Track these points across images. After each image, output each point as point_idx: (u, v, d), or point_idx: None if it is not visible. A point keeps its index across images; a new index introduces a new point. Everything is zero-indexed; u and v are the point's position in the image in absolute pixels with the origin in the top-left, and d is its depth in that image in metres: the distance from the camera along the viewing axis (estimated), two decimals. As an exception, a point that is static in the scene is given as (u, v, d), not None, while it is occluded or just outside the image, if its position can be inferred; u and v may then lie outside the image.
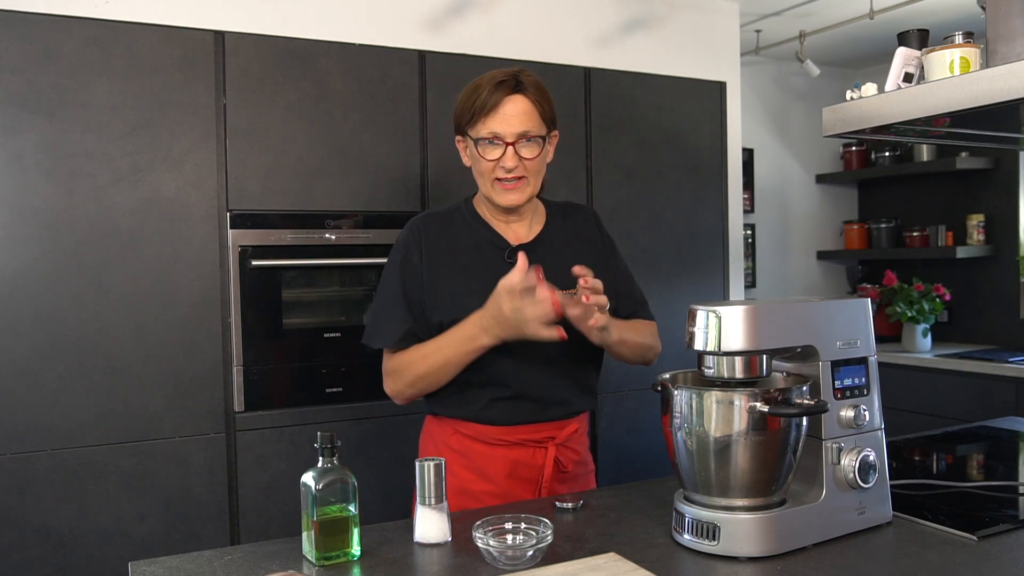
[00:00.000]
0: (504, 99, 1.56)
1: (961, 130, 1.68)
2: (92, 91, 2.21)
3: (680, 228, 3.08)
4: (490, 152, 1.58)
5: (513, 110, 1.56)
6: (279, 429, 2.40)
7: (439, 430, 1.67)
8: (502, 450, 1.61)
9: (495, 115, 1.56)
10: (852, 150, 4.47)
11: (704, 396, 1.23)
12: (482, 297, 1.56)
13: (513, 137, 1.56)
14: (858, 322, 1.35)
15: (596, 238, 1.76)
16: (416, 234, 1.66)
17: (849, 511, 1.30)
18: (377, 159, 2.55)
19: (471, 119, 1.59)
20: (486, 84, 1.58)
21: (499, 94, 1.56)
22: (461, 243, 1.66)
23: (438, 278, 1.62)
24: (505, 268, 1.60)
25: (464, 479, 1.61)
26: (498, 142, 1.57)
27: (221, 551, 1.29)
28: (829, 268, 4.61)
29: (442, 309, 1.60)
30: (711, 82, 3.17)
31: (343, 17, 2.57)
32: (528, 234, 1.69)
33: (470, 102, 1.59)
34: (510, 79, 1.58)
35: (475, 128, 1.59)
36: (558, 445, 1.62)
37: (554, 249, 1.68)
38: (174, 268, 2.29)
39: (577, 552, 1.24)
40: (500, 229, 1.67)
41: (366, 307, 2.57)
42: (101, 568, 2.20)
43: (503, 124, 1.56)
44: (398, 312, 1.61)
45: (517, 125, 1.56)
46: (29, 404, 2.14)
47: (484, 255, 1.64)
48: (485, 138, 1.57)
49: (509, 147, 1.56)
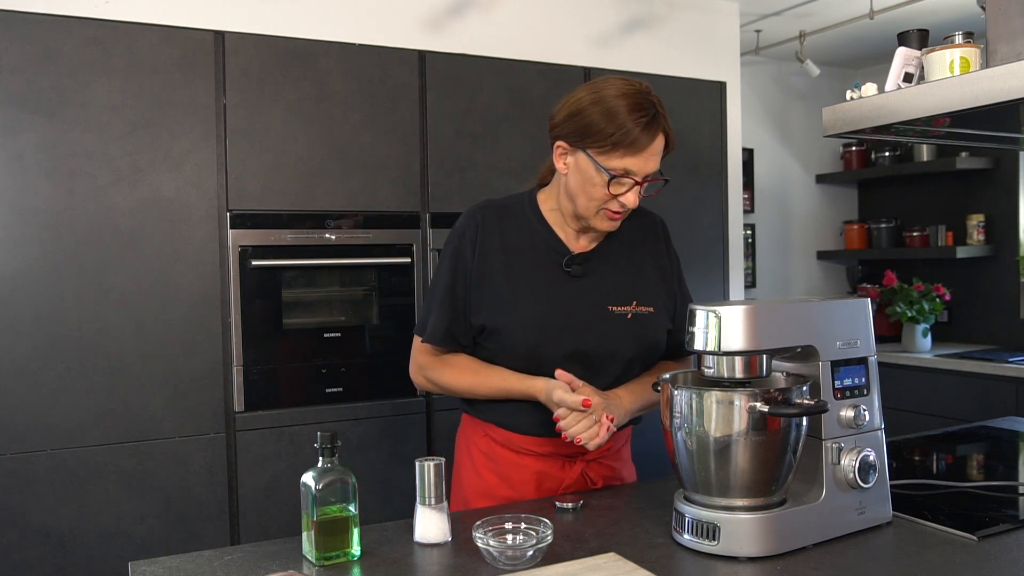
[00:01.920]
0: (653, 140, 1.46)
1: (961, 130, 1.68)
2: (92, 91, 2.21)
3: (680, 228, 3.07)
4: (617, 187, 1.47)
5: (655, 150, 1.47)
6: (279, 429, 2.40)
7: (472, 431, 1.65)
8: (529, 459, 1.58)
9: (641, 155, 1.46)
10: (852, 150, 4.47)
11: (704, 396, 1.23)
12: (528, 303, 1.53)
13: (645, 176, 1.49)
14: (858, 322, 1.35)
15: (662, 252, 1.68)
16: (473, 225, 1.57)
17: (849, 511, 1.30)
18: (377, 159, 2.55)
19: (606, 147, 1.45)
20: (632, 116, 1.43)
21: (649, 135, 1.45)
22: (518, 243, 1.57)
23: (486, 278, 1.55)
24: (561, 277, 1.56)
25: (490, 483, 1.59)
26: (628, 180, 1.47)
27: (221, 551, 1.29)
28: (829, 268, 4.61)
29: (485, 312, 1.55)
30: (711, 82, 3.17)
31: (343, 17, 2.57)
32: (590, 242, 1.60)
33: (610, 128, 1.44)
34: (651, 110, 1.45)
35: (607, 157, 1.45)
36: (587, 460, 1.59)
37: (612, 260, 1.61)
38: (174, 268, 2.29)
39: (577, 552, 1.24)
40: (563, 233, 1.59)
41: (366, 307, 2.57)
42: (101, 568, 2.20)
43: (642, 164, 1.47)
44: (443, 308, 1.56)
45: (653, 166, 1.48)
46: (29, 404, 2.14)
47: (540, 260, 1.57)
48: (618, 172, 1.46)
49: (637, 186, 1.48)
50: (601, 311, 1.55)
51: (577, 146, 1.48)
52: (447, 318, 1.56)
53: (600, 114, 1.45)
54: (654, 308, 1.60)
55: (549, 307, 1.54)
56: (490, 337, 1.55)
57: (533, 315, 1.53)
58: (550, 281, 1.55)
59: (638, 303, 1.58)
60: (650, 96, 1.47)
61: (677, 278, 1.69)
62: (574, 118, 1.48)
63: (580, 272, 1.57)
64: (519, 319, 1.52)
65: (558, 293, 1.55)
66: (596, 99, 1.46)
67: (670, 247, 1.71)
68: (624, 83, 1.48)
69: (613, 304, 1.56)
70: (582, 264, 1.57)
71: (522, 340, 1.52)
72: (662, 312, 1.62)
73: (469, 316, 1.56)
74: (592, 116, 1.45)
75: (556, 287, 1.55)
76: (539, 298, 1.54)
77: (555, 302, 1.54)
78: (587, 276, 1.57)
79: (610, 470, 1.64)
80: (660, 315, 1.61)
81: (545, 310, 1.53)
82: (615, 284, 1.58)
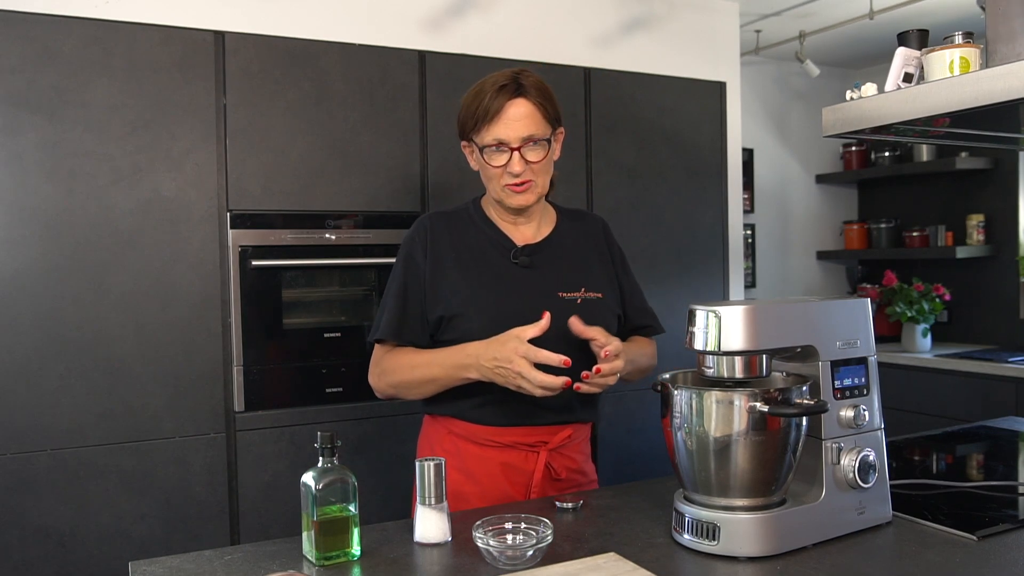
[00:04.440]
0: (506, 104, 1.54)
1: (961, 130, 1.68)
2: (92, 91, 2.21)
3: (680, 228, 3.08)
4: (496, 158, 1.57)
5: (516, 115, 1.55)
6: (279, 429, 2.40)
7: (434, 431, 1.67)
8: (493, 451, 1.60)
9: (498, 121, 1.55)
10: (852, 150, 4.47)
11: (704, 396, 1.23)
12: (483, 294, 1.58)
13: (518, 142, 1.55)
14: (858, 322, 1.35)
15: (604, 247, 1.75)
16: (422, 232, 1.66)
17: (849, 511, 1.30)
18: (377, 159, 2.55)
19: (475, 126, 1.58)
20: (488, 89, 1.56)
21: (501, 99, 1.54)
22: (466, 242, 1.65)
23: (440, 274, 1.62)
24: (510, 268, 1.62)
25: (454, 480, 1.60)
26: (504, 148, 1.56)
27: (221, 551, 1.29)
28: (829, 268, 4.61)
29: (442, 304, 1.60)
30: (711, 82, 3.17)
31: (343, 17, 2.57)
32: (536, 235, 1.68)
33: (473, 108, 1.57)
34: (511, 83, 1.56)
35: (480, 135, 1.57)
36: (551, 451, 1.61)
37: (561, 252, 1.68)
38: (174, 268, 2.29)
39: (577, 552, 1.24)
40: (507, 230, 1.67)
41: (366, 307, 2.57)
42: (101, 568, 2.20)
43: (507, 130, 1.54)
44: (395, 306, 1.62)
45: (521, 130, 1.55)
46: (29, 404, 2.14)
47: (489, 255, 1.64)
48: (490, 145, 1.56)
49: (515, 152, 1.55)
50: (551, 297, 1.61)
51: (467, 139, 1.62)
52: (398, 315, 1.61)
53: (468, 100, 1.59)
54: (603, 294, 1.66)
55: (502, 295, 1.60)
56: (448, 326, 1.60)
57: (487, 302, 1.58)
58: (500, 272, 1.62)
59: (587, 289, 1.64)
60: (517, 74, 1.58)
61: (622, 268, 1.76)
62: (459, 114, 1.62)
63: (528, 263, 1.64)
64: (474, 305, 1.58)
65: (509, 282, 1.62)
66: (471, 91, 1.60)
67: (611, 242, 1.77)
68: (499, 74, 1.59)
69: (562, 291, 1.62)
70: (530, 256, 1.64)
71: (477, 325, 1.56)
72: (610, 298, 1.68)
73: (426, 312, 1.61)
74: (464, 106, 1.60)
75: (507, 277, 1.62)
76: (491, 287, 1.60)
77: (507, 290, 1.60)
78: (535, 268, 1.64)
79: (572, 462, 1.66)
80: (609, 301, 1.67)
81: (498, 297, 1.59)
82: (563, 273, 1.65)
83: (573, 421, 1.64)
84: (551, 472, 1.62)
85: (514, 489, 1.60)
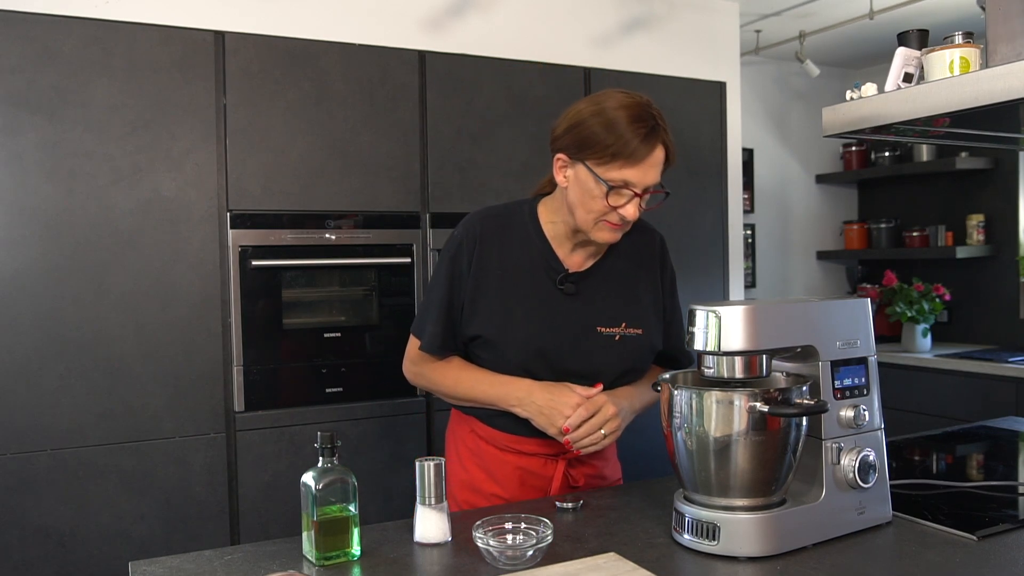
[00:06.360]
0: (652, 152, 1.45)
1: (961, 130, 1.68)
2: (92, 91, 2.21)
3: (680, 228, 3.08)
4: (616, 199, 1.46)
5: (654, 162, 1.46)
6: (279, 429, 2.40)
7: (459, 426, 1.68)
8: (512, 456, 1.60)
9: (639, 166, 1.44)
10: (852, 150, 4.47)
11: (704, 396, 1.23)
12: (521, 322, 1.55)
13: (644, 188, 1.47)
14: (858, 322, 1.35)
15: (656, 271, 1.67)
16: (471, 239, 1.58)
17: (849, 511, 1.30)
18: (377, 159, 2.55)
19: (605, 158, 1.44)
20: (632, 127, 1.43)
21: (649, 146, 1.44)
22: (514, 257, 1.58)
23: (481, 292, 1.57)
24: (555, 294, 1.57)
25: (475, 476, 1.61)
26: (627, 192, 1.46)
27: (221, 551, 1.29)
28: (829, 268, 4.61)
29: (477, 323, 1.56)
30: (711, 82, 3.17)
31: (343, 17, 2.57)
32: (585, 262, 1.60)
33: (608, 140, 1.43)
34: (651, 121, 1.45)
35: (606, 169, 1.44)
36: (570, 460, 1.60)
37: (610, 280, 1.61)
38: (174, 268, 2.29)
39: (577, 552, 1.24)
40: (560, 247, 1.59)
41: (366, 307, 2.57)
42: (101, 568, 2.20)
43: (642, 176, 1.45)
44: (440, 318, 1.58)
45: (653, 178, 1.47)
46: (29, 404, 2.14)
47: (535, 276, 1.57)
48: (617, 185, 1.45)
49: (636, 198, 1.47)
50: (590, 332, 1.57)
51: (576, 158, 1.48)
52: (443, 328, 1.59)
53: (600, 125, 1.44)
54: (643, 330, 1.60)
55: (540, 325, 1.55)
56: (483, 347, 1.58)
57: (525, 333, 1.55)
58: (543, 298, 1.57)
59: (627, 325, 1.59)
60: (651, 108, 1.47)
61: (670, 294, 1.70)
62: (574, 130, 1.47)
63: (573, 291, 1.58)
64: (511, 335, 1.55)
65: (550, 311, 1.56)
66: (596, 111, 1.46)
67: (666, 265, 1.69)
68: (625, 95, 1.48)
69: (602, 325, 1.57)
70: (576, 283, 1.58)
71: (512, 356, 1.55)
72: (652, 333, 1.63)
73: (463, 326, 1.59)
74: (592, 127, 1.45)
75: (548, 305, 1.57)
76: (531, 316, 1.56)
77: (546, 321, 1.56)
78: (579, 295, 1.58)
79: (593, 468, 1.65)
80: (649, 336, 1.62)
81: (536, 329, 1.55)
82: (606, 305, 1.59)
83: None
84: (569, 479, 1.62)
85: (531, 494, 1.60)
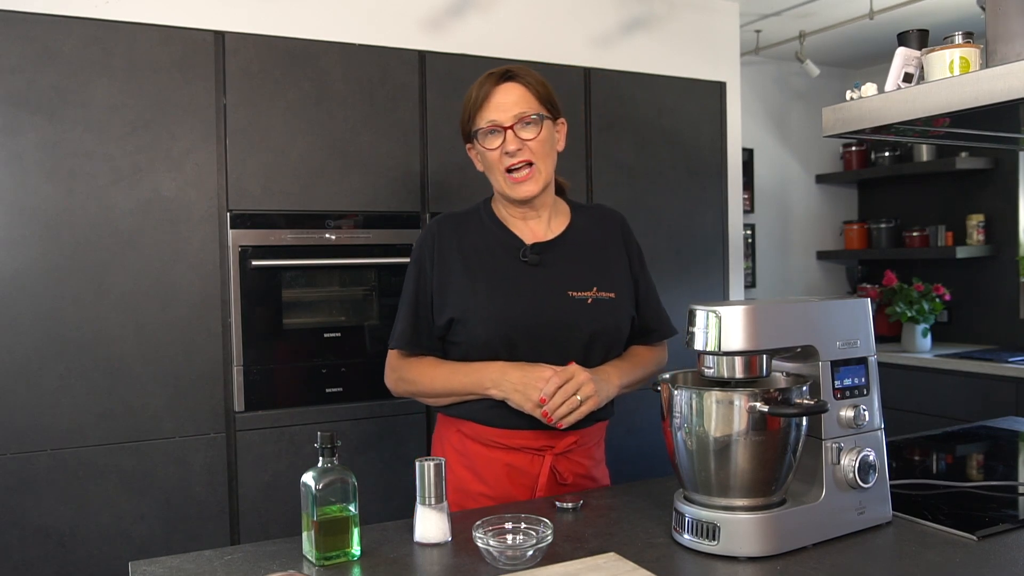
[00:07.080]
0: (495, 88, 1.59)
1: (961, 130, 1.68)
2: (92, 91, 2.21)
3: (680, 228, 3.08)
4: (491, 141, 1.59)
5: (506, 96, 1.59)
6: (279, 429, 2.40)
7: (445, 428, 1.70)
8: (499, 452, 1.60)
9: (489, 104, 1.59)
10: (852, 150, 4.47)
11: (704, 396, 1.23)
12: (490, 296, 1.57)
13: (510, 120, 1.58)
14: (858, 322, 1.35)
15: (620, 245, 1.73)
16: (430, 238, 1.67)
17: (849, 511, 1.30)
18: (377, 159, 2.55)
19: (470, 118, 1.62)
20: (477, 86, 1.62)
21: (489, 85, 1.59)
22: (474, 244, 1.65)
23: (446, 279, 1.63)
24: (519, 268, 1.62)
25: (462, 478, 1.61)
26: (497, 129, 1.58)
27: (221, 551, 1.29)
28: (829, 268, 4.61)
29: (449, 307, 1.61)
30: (711, 82, 3.17)
31: (343, 17, 2.57)
32: (547, 233, 1.67)
33: (467, 102, 1.63)
34: (499, 71, 1.61)
35: (474, 123, 1.61)
36: (556, 455, 1.61)
37: (574, 250, 1.67)
38: (174, 268, 2.29)
39: (577, 552, 1.24)
40: (517, 229, 1.67)
41: (366, 307, 2.57)
42: (101, 568, 2.20)
43: (498, 111, 1.58)
44: (408, 315, 1.65)
45: (512, 108, 1.58)
46: (29, 404, 2.14)
47: (497, 255, 1.64)
48: (484, 128, 1.59)
49: (508, 131, 1.58)
50: (561, 296, 1.60)
51: (469, 139, 1.65)
52: (411, 324, 1.64)
53: (465, 99, 1.63)
54: (615, 294, 1.65)
55: (510, 295, 1.59)
56: (456, 329, 1.61)
57: (493, 302, 1.58)
58: (508, 272, 1.62)
59: (599, 289, 1.63)
60: (508, 67, 1.62)
61: (639, 265, 1.74)
62: (460, 121, 1.66)
63: (537, 261, 1.62)
64: (480, 311, 1.58)
65: (517, 282, 1.61)
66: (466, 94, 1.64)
67: (630, 240, 1.75)
68: None
69: (573, 290, 1.61)
70: (539, 253, 1.63)
71: (483, 331, 1.57)
72: (624, 298, 1.67)
73: (434, 318, 1.63)
74: (463, 106, 1.64)
75: (513, 279, 1.61)
76: (499, 289, 1.60)
77: (515, 290, 1.60)
78: (546, 266, 1.63)
79: (580, 467, 1.65)
80: (622, 301, 1.66)
81: (506, 299, 1.59)
82: (575, 272, 1.63)
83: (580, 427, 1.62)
84: (556, 476, 1.62)
85: (519, 491, 1.60)
